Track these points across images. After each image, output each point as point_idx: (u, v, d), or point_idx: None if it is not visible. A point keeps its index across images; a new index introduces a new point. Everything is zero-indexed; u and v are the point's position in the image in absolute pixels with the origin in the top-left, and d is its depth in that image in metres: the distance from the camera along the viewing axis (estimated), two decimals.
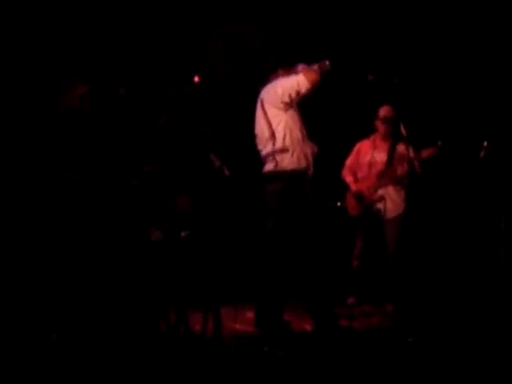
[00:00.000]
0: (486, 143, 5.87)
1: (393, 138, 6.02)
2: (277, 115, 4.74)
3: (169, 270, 4.54)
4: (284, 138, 4.69)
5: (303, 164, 4.73)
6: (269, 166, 4.79)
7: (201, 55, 6.81)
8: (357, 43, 6.65)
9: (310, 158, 4.83)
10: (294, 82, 4.68)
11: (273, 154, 4.72)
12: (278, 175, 4.72)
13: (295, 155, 4.70)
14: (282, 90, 4.70)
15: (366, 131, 6.18)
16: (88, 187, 4.23)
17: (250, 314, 5.11)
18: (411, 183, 5.99)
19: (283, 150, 4.68)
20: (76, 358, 3.86)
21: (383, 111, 6.03)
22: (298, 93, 4.68)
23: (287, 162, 4.69)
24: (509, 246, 6.66)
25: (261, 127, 4.85)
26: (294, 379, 3.68)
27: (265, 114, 4.78)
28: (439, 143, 5.80)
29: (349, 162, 6.24)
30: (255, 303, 4.91)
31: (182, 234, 4.55)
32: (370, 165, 6.06)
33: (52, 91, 4.31)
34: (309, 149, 4.82)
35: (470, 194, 6.95)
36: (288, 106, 4.73)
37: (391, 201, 5.93)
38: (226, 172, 4.42)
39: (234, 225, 5.87)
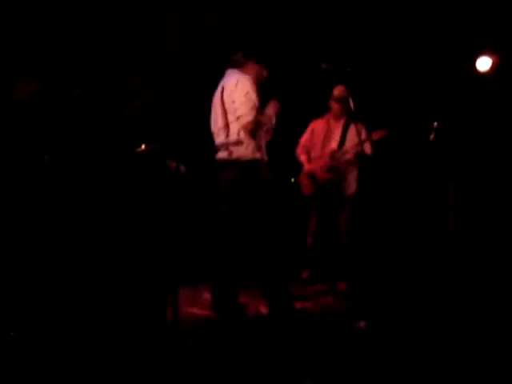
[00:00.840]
0: (435, 124, 6.01)
1: (346, 118, 6.14)
2: (233, 109, 4.71)
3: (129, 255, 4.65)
4: (239, 132, 4.70)
5: (257, 155, 4.75)
6: (222, 154, 4.80)
7: (155, 30, 6.76)
8: (311, 30, 6.69)
9: (264, 148, 4.85)
10: (244, 109, 4.64)
11: (226, 144, 4.75)
12: (232, 163, 4.74)
13: (250, 147, 4.71)
14: (235, 103, 4.68)
15: (321, 112, 6.28)
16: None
17: (207, 295, 5.23)
18: (363, 163, 6.13)
19: (237, 143, 4.70)
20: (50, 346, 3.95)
21: (337, 91, 6.13)
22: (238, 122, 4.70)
23: (241, 153, 4.71)
24: (457, 217, 6.90)
25: (216, 115, 4.85)
26: (248, 367, 3.82)
27: (222, 103, 4.77)
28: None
29: (303, 140, 6.34)
30: (211, 285, 5.02)
31: None
32: (323, 144, 6.18)
33: (5, 87, 4.28)
34: (263, 139, 4.86)
35: (420, 169, 7.15)
36: None
37: (344, 180, 6.08)
38: (182, 168, 4.47)
39: (189, 210, 5.95)
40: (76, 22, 5.97)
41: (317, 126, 6.30)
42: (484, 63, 7.24)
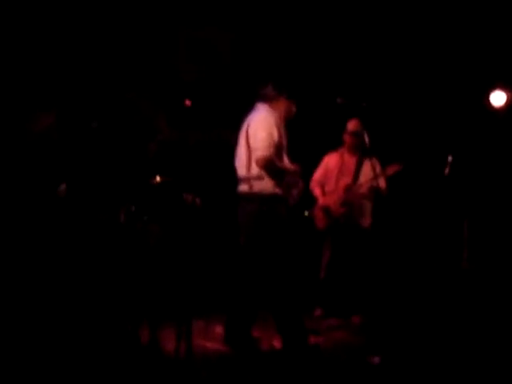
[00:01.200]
0: (450, 158, 6.02)
1: (360, 152, 6.14)
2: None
3: (143, 286, 4.64)
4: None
5: (277, 190, 4.75)
6: (243, 187, 4.82)
7: (168, 60, 6.84)
8: (327, 65, 6.74)
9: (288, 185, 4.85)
10: (262, 145, 4.66)
11: (248, 178, 4.77)
12: (252, 197, 4.76)
13: (270, 182, 4.72)
14: (257, 136, 4.71)
15: (335, 145, 6.30)
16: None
17: (220, 329, 5.20)
18: (377, 197, 6.12)
19: (258, 177, 4.72)
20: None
21: (351, 125, 6.13)
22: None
23: (261, 187, 4.72)
24: (471, 253, 6.86)
25: (240, 149, 4.87)
26: None
27: (247, 137, 4.79)
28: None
29: (317, 174, 6.34)
30: (225, 317, 4.99)
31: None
32: (337, 178, 6.19)
33: (24, 119, 4.33)
34: (287, 176, 4.84)
35: (434, 205, 7.13)
36: None
37: (357, 215, 6.07)
38: (198, 201, 4.49)
39: (205, 242, 5.96)
40: (91, 56, 6.06)
41: (331, 160, 6.31)
42: (498, 98, 7.26)
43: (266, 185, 4.72)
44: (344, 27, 6.83)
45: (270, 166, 4.68)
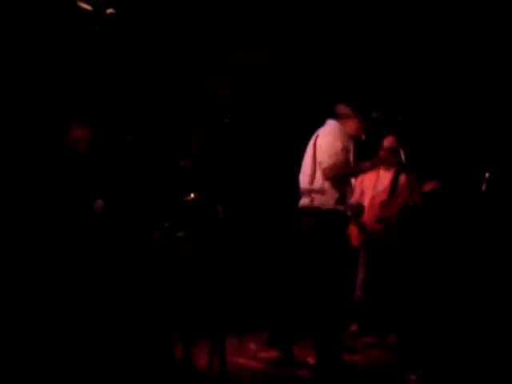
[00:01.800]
0: (487, 175, 5.93)
1: (396, 168, 6.08)
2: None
3: (177, 302, 4.63)
4: (323, 180, 4.71)
5: (339, 207, 4.75)
6: (304, 201, 4.83)
7: (203, 80, 6.90)
8: (363, 80, 6.72)
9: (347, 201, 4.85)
10: (325, 156, 4.70)
11: (309, 191, 4.77)
12: (312, 210, 4.76)
13: (332, 198, 4.71)
14: (322, 148, 4.75)
15: None
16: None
17: (253, 346, 5.17)
18: (413, 214, 6.04)
19: (320, 191, 4.72)
20: None
21: (387, 142, 6.08)
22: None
23: (322, 201, 4.72)
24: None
25: (307, 162, 4.88)
26: None
27: (314, 151, 4.81)
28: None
29: None
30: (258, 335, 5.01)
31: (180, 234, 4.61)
32: (373, 195, 6.13)
33: (56, 134, 4.37)
34: (349, 192, 4.86)
35: (471, 222, 7.00)
36: None
37: (393, 232, 6.00)
38: (229, 217, 4.50)
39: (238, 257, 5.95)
40: (134, 74, 6.15)
41: (366, 176, 6.24)
42: None
43: (327, 200, 4.71)
44: (380, 45, 6.81)
45: (335, 173, 4.68)
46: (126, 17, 6.02)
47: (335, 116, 4.93)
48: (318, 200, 4.72)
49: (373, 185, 6.16)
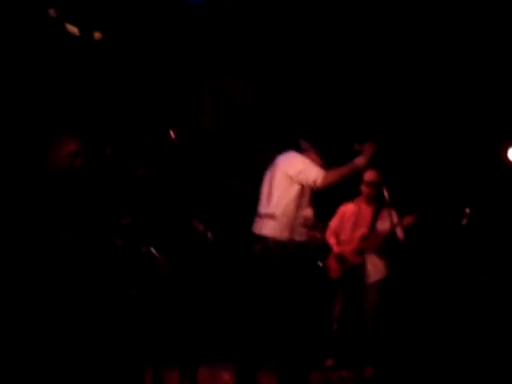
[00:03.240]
0: (468, 210, 5.95)
1: (377, 202, 6.08)
2: (282, 184, 4.74)
3: (146, 328, 4.53)
4: (277, 205, 4.68)
5: (284, 236, 4.65)
6: (255, 227, 4.79)
7: (188, 108, 6.92)
8: (344, 112, 6.79)
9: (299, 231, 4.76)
10: (309, 175, 4.68)
11: (261, 215, 4.74)
12: (259, 238, 4.71)
13: (279, 225, 4.65)
14: (295, 173, 4.71)
15: (352, 195, 6.24)
16: (83, 248, 4.20)
17: (226, 376, 5.07)
18: (393, 248, 6.02)
19: (271, 216, 4.67)
20: None
21: (368, 175, 6.08)
22: (308, 185, 4.72)
23: (269, 228, 4.67)
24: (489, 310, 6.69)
25: (265, 188, 4.86)
26: None
27: (272, 178, 4.80)
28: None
29: (332, 224, 6.27)
30: (231, 364, 4.86)
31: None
32: (354, 228, 6.11)
33: (42, 150, 4.29)
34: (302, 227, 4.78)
35: (450, 259, 7.01)
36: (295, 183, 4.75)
37: (373, 265, 5.97)
38: (210, 236, 4.43)
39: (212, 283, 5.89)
40: (119, 96, 6.17)
41: (347, 209, 6.25)
42: None
43: (275, 226, 4.65)
44: (362, 78, 6.88)
45: (330, 178, 4.68)
46: (113, 41, 6.07)
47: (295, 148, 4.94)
48: (265, 226, 4.68)
49: (354, 218, 6.15)
